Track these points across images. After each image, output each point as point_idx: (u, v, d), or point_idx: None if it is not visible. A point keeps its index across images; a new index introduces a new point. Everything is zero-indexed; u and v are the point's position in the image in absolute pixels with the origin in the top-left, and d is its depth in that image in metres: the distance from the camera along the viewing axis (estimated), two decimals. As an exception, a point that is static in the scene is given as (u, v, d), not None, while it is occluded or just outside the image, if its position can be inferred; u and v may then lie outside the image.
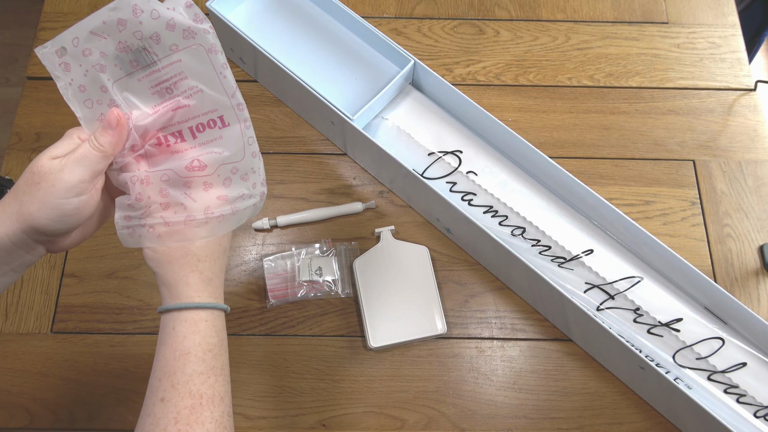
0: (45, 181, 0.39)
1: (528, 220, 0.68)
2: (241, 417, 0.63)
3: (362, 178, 0.74)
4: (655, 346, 0.63)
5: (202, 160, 0.43)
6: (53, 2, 0.83)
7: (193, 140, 0.44)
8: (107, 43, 0.41)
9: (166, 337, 0.43)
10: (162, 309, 0.44)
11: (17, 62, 1.59)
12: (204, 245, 0.44)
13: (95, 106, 0.43)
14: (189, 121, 0.43)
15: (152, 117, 0.42)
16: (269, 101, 0.78)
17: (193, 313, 0.43)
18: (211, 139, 0.44)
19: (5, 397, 0.63)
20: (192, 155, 0.43)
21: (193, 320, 0.43)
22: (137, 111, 0.43)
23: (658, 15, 0.85)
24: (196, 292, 0.43)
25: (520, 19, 0.84)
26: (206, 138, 0.44)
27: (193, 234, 0.43)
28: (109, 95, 0.43)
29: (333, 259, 0.68)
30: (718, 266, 0.70)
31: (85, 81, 0.43)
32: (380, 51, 0.74)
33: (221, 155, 0.43)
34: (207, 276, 0.44)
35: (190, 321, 0.43)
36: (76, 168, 0.40)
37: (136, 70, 0.42)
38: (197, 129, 0.43)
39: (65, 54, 0.42)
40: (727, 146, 0.76)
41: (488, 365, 0.65)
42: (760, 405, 0.60)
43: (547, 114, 0.78)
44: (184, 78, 0.42)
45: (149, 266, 0.44)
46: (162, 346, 0.43)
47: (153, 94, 0.43)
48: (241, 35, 0.69)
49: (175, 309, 0.43)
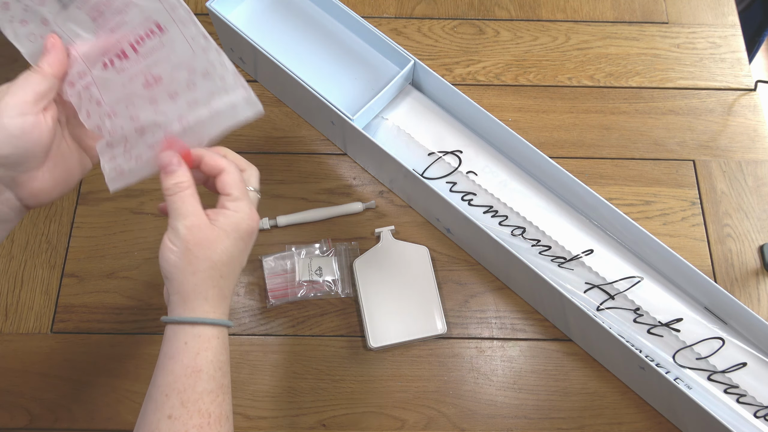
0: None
1: (528, 220, 0.68)
2: (241, 417, 0.63)
3: (362, 178, 0.74)
4: (655, 346, 0.63)
5: (153, 73, 0.43)
6: (53, 2, 0.83)
7: (137, 55, 0.43)
8: None
9: (176, 352, 0.41)
10: (172, 320, 0.42)
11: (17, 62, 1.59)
12: (228, 261, 0.43)
13: (38, 40, 0.44)
14: (128, 37, 0.43)
15: (93, 41, 0.42)
16: (269, 101, 0.78)
17: (208, 329, 0.42)
18: (154, 49, 0.43)
19: (5, 397, 0.63)
20: (141, 71, 0.43)
21: (207, 336, 0.42)
22: (80, 40, 0.43)
23: (658, 15, 0.85)
24: (213, 307, 0.43)
25: (520, 19, 0.84)
26: (148, 49, 0.43)
27: (180, 145, 0.43)
28: (50, 27, 0.43)
29: (333, 259, 0.68)
30: (718, 266, 0.70)
31: (26, 16, 0.43)
32: (380, 51, 0.74)
33: (170, 61, 0.42)
34: (225, 293, 0.44)
35: (203, 337, 0.42)
36: (18, 90, 0.41)
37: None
38: (137, 43, 0.43)
39: None
40: (727, 146, 0.76)
41: (488, 365, 0.65)
42: (760, 405, 0.60)
43: (547, 114, 0.78)
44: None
45: (165, 271, 0.42)
46: (170, 360, 0.42)
47: (93, 20, 0.43)
48: (241, 35, 0.69)
49: (188, 323, 0.42)
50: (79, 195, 0.72)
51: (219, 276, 0.43)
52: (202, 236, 0.42)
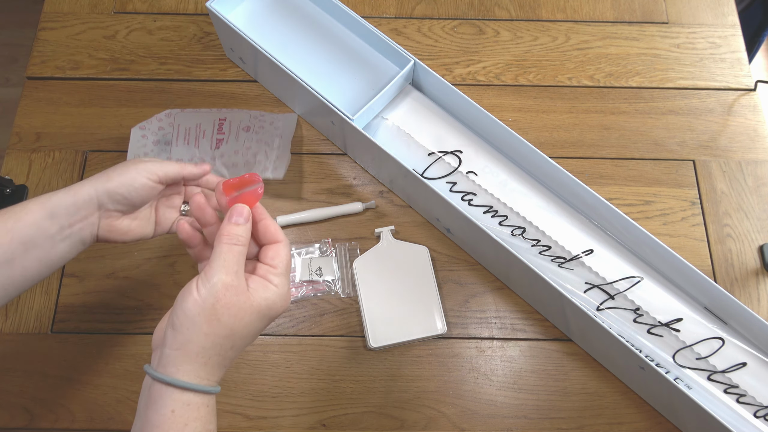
0: (133, 163, 0.49)
1: (528, 220, 0.68)
2: (241, 417, 0.63)
3: (362, 178, 0.74)
4: (655, 346, 0.63)
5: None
6: (53, 2, 0.83)
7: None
8: None
9: (163, 421, 0.38)
10: (161, 378, 0.39)
11: (17, 62, 1.59)
12: (246, 335, 0.41)
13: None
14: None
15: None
16: (269, 101, 0.78)
17: (198, 396, 0.40)
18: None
19: (5, 397, 0.63)
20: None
21: (197, 405, 0.40)
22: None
23: (658, 15, 0.85)
24: (209, 374, 0.40)
25: (520, 19, 0.84)
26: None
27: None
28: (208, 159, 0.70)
29: (333, 259, 0.68)
30: (718, 266, 0.70)
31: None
32: (380, 51, 0.74)
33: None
34: (226, 363, 0.42)
35: (193, 406, 0.39)
36: (159, 164, 0.50)
37: None
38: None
39: None
40: (727, 146, 0.76)
41: (488, 365, 0.65)
42: (760, 405, 0.60)
43: (547, 114, 0.78)
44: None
45: (177, 319, 0.40)
46: (154, 428, 0.38)
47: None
48: (241, 35, 0.69)
49: (179, 387, 0.39)
50: (79, 195, 0.72)
51: (230, 347, 0.41)
52: (235, 300, 0.40)
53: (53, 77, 0.79)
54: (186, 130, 0.72)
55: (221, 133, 0.72)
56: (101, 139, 0.75)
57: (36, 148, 0.74)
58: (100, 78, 0.79)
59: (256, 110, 0.75)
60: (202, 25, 0.82)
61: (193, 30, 0.82)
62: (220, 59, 0.80)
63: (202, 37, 0.81)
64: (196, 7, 0.83)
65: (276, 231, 0.45)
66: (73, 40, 0.81)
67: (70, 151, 0.74)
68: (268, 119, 0.73)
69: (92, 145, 0.75)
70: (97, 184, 0.47)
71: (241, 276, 0.41)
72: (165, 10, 0.83)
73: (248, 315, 0.41)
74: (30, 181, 0.72)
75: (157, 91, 0.78)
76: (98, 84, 0.78)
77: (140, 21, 0.82)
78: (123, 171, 0.48)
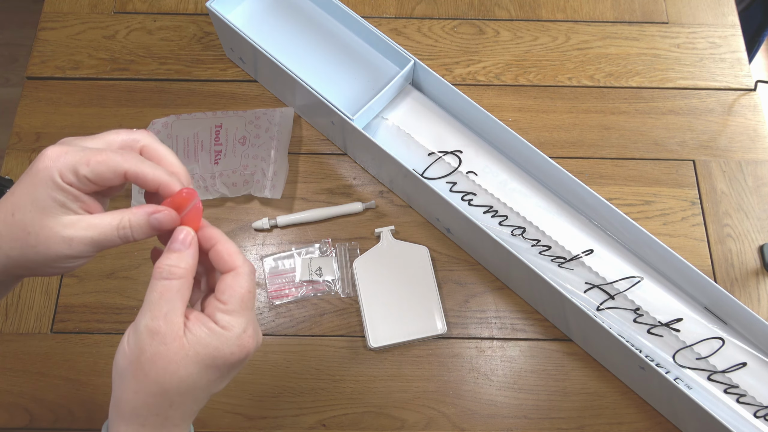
0: (44, 246, 0.34)
1: (528, 220, 0.68)
2: (241, 417, 0.63)
3: (362, 178, 0.74)
4: (655, 346, 0.63)
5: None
6: (53, 2, 0.83)
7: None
8: None
9: None
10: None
11: (17, 62, 1.59)
12: (186, 391, 0.34)
13: None
14: None
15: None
16: (269, 101, 0.78)
17: None
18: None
19: (5, 397, 0.63)
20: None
21: None
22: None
23: (658, 15, 0.85)
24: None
25: (520, 19, 0.84)
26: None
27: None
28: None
29: (333, 259, 0.68)
30: (718, 266, 0.70)
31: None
32: (380, 51, 0.74)
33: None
34: (174, 421, 0.35)
35: None
36: (89, 246, 0.35)
37: None
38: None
39: None
40: (727, 146, 0.76)
41: (488, 365, 0.65)
42: (760, 405, 0.60)
43: (547, 114, 0.78)
44: None
45: (113, 372, 0.35)
46: None
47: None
48: (241, 35, 0.69)
49: None
50: (79, 195, 0.72)
51: (168, 405, 0.34)
52: (162, 352, 0.33)
53: (53, 77, 0.79)
54: (184, 140, 0.72)
55: (218, 143, 0.72)
56: (101, 139, 0.75)
57: (36, 148, 0.74)
58: (100, 78, 0.79)
59: (251, 110, 0.75)
60: (202, 25, 0.82)
61: (193, 30, 0.82)
62: (220, 59, 0.80)
63: (202, 37, 0.81)
64: (196, 7, 0.83)
65: (231, 256, 0.36)
66: (73, 40, 0.81)
67: (70, 151, 0.74)
68: (263, 124, 0.73)
69: (92, 145, 0.75)
70: (8, 267, 0.35)
71: (174, 319, 0.33)
72: (165, 10, 0.83)
73: (182, 369, 0.33)
74: (30, 181, 0.72)
75: (157, 91, 0.78)
76: (98, 84, 0.78)
77: (140, 21, 0.82)
78: (40, 257, 0.34)
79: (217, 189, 0.70)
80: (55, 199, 0.34)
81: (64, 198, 0.34)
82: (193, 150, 0.72)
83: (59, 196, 0.34)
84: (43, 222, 0.34)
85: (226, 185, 0.70)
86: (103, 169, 0.34)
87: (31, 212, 0.34)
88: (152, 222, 0.35)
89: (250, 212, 0.72)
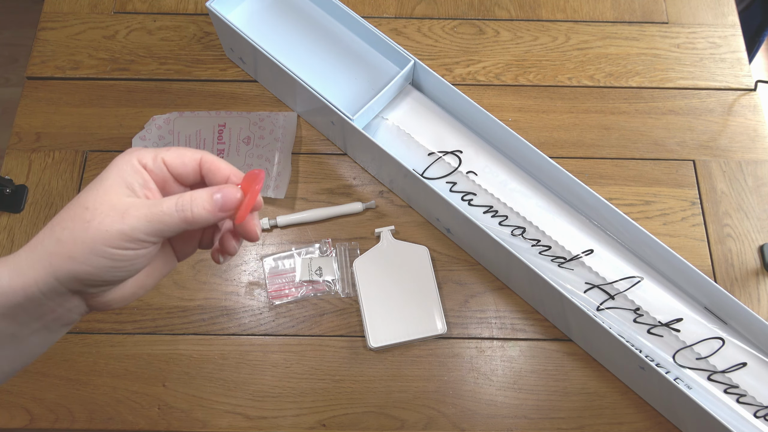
0: (98, 220, 0.32)
1: (528, 220, 0.68)
2: (241, 417, 0.63)
3: (362, 178, 0.74)
4: (655, 346, 0.63)
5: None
6: (53, 2, 0.83)
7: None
8: None
9: None
10: None
11: (17, 62, 1.60)
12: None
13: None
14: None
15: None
16: (269, 101, 0.78)
17: None
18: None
19: (5, 397, 0.63)
20: None
21: None
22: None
23: (658, 15, 0.85)
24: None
25: (520, 19, 0.84)
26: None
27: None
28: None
29: (333, 259, 0.68)
30: (718, 266, 0.70)
31: None
32: (380, 51, 0.74)
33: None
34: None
35: None
36: (144, 223, 0.32)
37: None
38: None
39: None
40: (727, 146, 0.76)
41: (488, 365, 0.65)
42: (760, 405, 0.60)
43: (547, 114, 0.78)
44: None
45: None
46: None
47: None
48: (241, 35, 0.69)
49: None
50: (79, 195, 0.72)
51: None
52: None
53: (53, 77, 0.79)
54: (186, 138, 0.72)
55: (221, 142, 0.72)
56: (101, 139, 0.75)
57: (36, 148, 0.74)
58: (100, 78, 0.79)
59: (255, 112, 0.75)
60: (202, 25, 0.82)
61: (193, 30, 0.82)
62: (220, 59, 0.80)
63: (202, 37, 0.81)
64: (196, 7, 0.84)
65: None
66: (73, 40, 0.81)
67: (70, 151, 0.74)
68: (267, 126, 0.73)
69: (92, 145, 0.75)
70: (56, 263, 0.32)
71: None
72: (165, 10, 0.83)
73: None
74: (30, 181, 0.72)
75: (157, 91, 0.78)
76: (98, 84, 0.78)
77: (140, 21, 0.82)
78: (86, 246, 0.32)
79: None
80: (125, 181, 0.33)
81: (133, 179, 0.34)
82: (195, 147, 0.72)
83: (130, 178, 0.34)
84: (104, 197, 0.33)
85: None
86: (178, 154, 0.35)
87: (96, 191, 0.33)
88: (216, 199, 0.34)
89: (250, 212, 0.72)
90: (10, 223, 0.71)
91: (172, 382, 0.64)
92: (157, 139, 0.72)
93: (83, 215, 0.32)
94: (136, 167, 0.34)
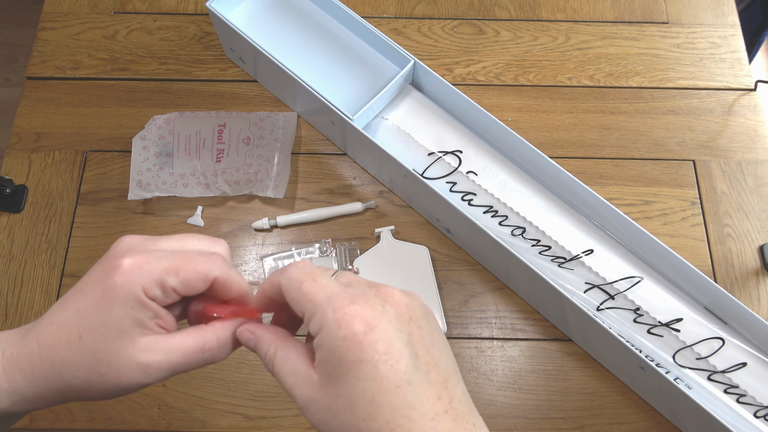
0: (115, 374, 0.30)
1: (528, 220, 0.68)
2: (241, 417, 0.63)
3: (362, 178, 0.74)
4: (655, 346, 0.63)
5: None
6: (53, 2, 0.83)
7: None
8: None
9: None
10: None
11: (17, 62, 1.60)
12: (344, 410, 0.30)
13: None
14: None
15: None
16: (269, 101, 0.78)
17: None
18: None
19: (5, 397, 0.63)
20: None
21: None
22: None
23: (658, 15, 0.85)
24: None
25: (520, 19, 0.84)
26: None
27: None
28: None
29: (333, 259, 0.68)
30: (718, 266, 0.70)
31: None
32: (380, 51, 0.74)
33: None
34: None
35: None
36: (167, 373, 0.31)
37: None
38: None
39: None
40: (727, 146, 0.76)
41: (488, 365, 0.65)
42: (760, 405, 0.60)
43: (547, 114, 0.78)
44: None
45: None
46: None
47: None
48: (241, 35, 0.69)
49: None
50: (79, 195, 0.72)
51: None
52: (312, 397, 0.32)
53: (53, 77, 0.79)
54: (186, 138, 0.72)
55: (221, 142, 0.72)
56: (101, 139, 0.75)
57: (36, 148, 0.74)
58: (100, 78, 0.79)
59: (255, 112, 0.75)
60: (202, 25, 0.82)
61: (193, 30, 0.82)
62: (220, 59, 0.80)
63: (202, 37, 0.81)
64: (196, 7, 0.83)
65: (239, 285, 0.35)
66: (73, 40, 0.81)
67: (70, 151, 0.74)
68: (267, 126, 0.73)
69: (92, 145, 0.75)
70: (67, 396, 0.31)
71: (300, 370, 0.34)
72: (165, 10, 0.83)
73: (326, 401, 0.32)
74: (30, 181, 0.72)
75: (157, 91, 0.78)
76: (98, 84, 0.78)
77: (140, 21, 0.82)
78: (109, 386, 0.30)
79: (218, 186, 0.70)
80: (135, 319, 0.30)
81: (145, 316, 0.30)
82: (195, 147, 0.72)
83: (140, 314, 0.30)
84: (118, 347, 0.30)
85: (228, 183, 0.70)
86: (192, 277, 0.31)
87: (102, 335, 0.29)
88: (242, 339, 0.33)
89: (250, 212, 0.72)
90: (10, 223, 0.71)
91: (172, 382, 0.64)
92: (157, 139, 0.72)
93: (96, 368, 0.30)
94: (144, 302, 0.30)
